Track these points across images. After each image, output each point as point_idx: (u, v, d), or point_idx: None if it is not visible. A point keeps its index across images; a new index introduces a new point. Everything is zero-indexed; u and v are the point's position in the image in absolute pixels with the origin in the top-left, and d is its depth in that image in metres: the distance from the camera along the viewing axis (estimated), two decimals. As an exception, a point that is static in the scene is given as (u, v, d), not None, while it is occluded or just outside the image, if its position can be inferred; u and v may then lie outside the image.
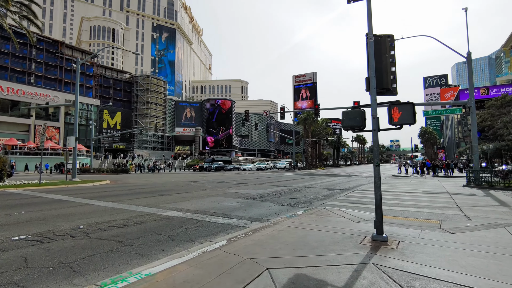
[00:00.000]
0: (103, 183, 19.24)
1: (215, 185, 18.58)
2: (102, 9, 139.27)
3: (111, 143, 76.46)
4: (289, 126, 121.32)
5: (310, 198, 12.10)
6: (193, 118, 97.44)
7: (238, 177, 28.31)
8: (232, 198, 11.77)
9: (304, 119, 56.14)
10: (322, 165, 68.12)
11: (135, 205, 9.67)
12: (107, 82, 80.00)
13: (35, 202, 10.49)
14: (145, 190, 14.75)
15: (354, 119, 5.27)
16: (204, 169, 55.19)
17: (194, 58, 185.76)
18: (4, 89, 55.58)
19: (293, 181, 22.74)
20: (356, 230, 5.83)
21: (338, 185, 18.76)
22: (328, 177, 27.91)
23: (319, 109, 24.60)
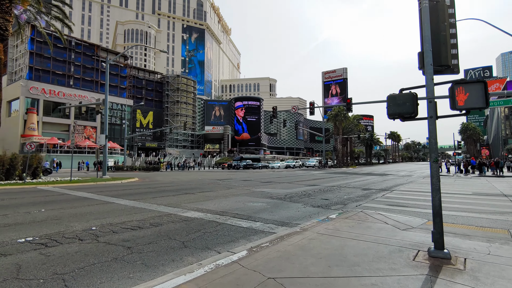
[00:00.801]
0: (131, 181, 19.33)
1: (241, 183, 17.93)
2: (135, 13, 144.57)
3: (144, 142, 78.95)
4: (319, 124, 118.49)
5: (343, 199, 11.01)
6: (222, 117, 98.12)
7: (266, 176, 27.53)
8: (258, 198, 11.00)
9: (334, 115, 54.10)
10: (353, 163, 65.50)
11: (156, 204, 9.21)
12: (140, 82, 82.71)
13: (58, 199, 10.41)
14: (170, 188, 14.42)
15: (403, 105, 4.24)
16: (232, 167, 55.11)
17: (223, 58, 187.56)
18: (46, 92, 59.07)
19: (324, 180, 21.55)
20: (405, 241, 4.79)
21: (373, 185, 17.35)
22: (361, 176, 26.30)
23: (351, 103, 23.11)
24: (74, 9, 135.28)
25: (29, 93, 56.40)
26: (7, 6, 17.17)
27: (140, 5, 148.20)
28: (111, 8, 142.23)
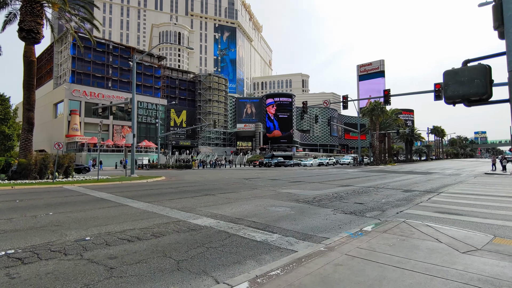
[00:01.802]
0: (157, 180, 19.13)
1: (268, 183, 16.91)
2: (169, 15, 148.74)
3: (178, 140, 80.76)
4: (353, 119, 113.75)
5: (381, 204, 9.56)
6: (253, 114, 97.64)
7: (296, 174, 26.24)
8: (283, 201, 9.90)
9: (371, 109, 50.99)
10: (392, 161, 61.60)
11: (169, 208, 8.49)
12: (173, 82, 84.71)
13: (74, 201, 10.12)
14: (192, 189, 13.79)
15: (470, 83, 2.94)
16: (263, 165, 54.28)
17: (254, 55, 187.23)
18: (87, 94, 62.30)
19: (359, 179, 19.83)
20: (470, 274, 3.46)
21: (416, 186, 15.44)
22: (401, 175, 24.05)
23: (389, 95, 21.00)
24: (113, 15, 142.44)
25: (72, 96, 59.81)
26: (38, 9, 17.60)
27: (174, 7, 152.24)
28: (147, 12, 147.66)
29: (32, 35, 17.41)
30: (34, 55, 17.89)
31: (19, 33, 17.41)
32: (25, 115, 17.38)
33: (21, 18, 17.37)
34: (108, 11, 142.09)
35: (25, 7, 17.30)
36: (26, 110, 17.40)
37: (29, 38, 17.46)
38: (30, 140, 17.43)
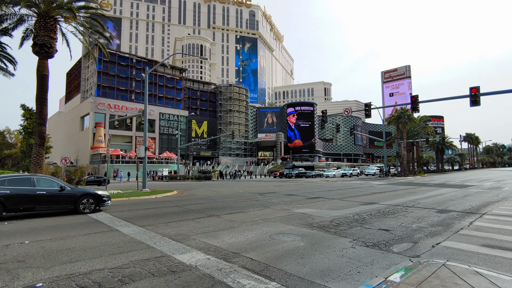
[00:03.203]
0: (168, 195, 18.33)
1: (283, 199, 15.57)
2: (192, 28, 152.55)
3: (199, 151, 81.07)
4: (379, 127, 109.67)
5: (411, 230, 7.99)
6: (274, 124, 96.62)
7: (316, 187, 24.62)
8: (294, 226, 8.58)
9: (397, 117, 48.28)
10: (421, 171, 57.94)
11: (161, 235, 7.44)
12: (195, 94, 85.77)
13: (63, 224, 9.35)
14: (198, 207, 12.75)
15: None
16: (284, 175, 52.77)
17: (275, 65, 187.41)
18: (112, 106, 64.06)
19: (384, 194, 17.99)
20: None
21: (452, 203, 13.52)
22: (432, 189, 21.81)
23: (417, 101, 19.12)
24: (139, 30, 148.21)
25: (97, 109, 61.66)
26: (51, 24, 17.66)
27: (197, 21, 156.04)
28: (171, 26, 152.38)
29: (45, 49, 17.45)
30: (47, 69, 17.90)
31: (33, 48, 17.52)
32: (37, 129, 17.31)
33: (35, 33, 17.50)
34: (135, 27, 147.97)
35: (39, 22, 17.42)
36: (38, 124, 17.33)
37: (42, 53, 17.51)
38: (42, 154, 17.27)
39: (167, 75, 77.18)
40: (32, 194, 10.35)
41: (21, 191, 10.24)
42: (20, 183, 10.45)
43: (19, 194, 10.15)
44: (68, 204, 11.14)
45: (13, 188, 10.16)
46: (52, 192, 10.80)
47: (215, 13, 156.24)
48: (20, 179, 10.67)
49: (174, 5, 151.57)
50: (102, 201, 11.95)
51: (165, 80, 76.37)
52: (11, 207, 10.06)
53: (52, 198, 10.76)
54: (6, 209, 9.99)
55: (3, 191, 9.92)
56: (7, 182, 10.22)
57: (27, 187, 10.39)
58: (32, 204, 10.38)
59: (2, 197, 9.84)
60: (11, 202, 9.99)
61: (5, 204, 9.89)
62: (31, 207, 10.42)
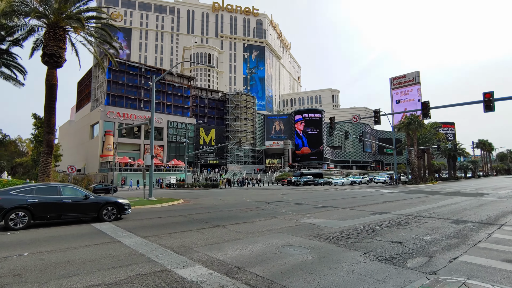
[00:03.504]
0: (174, 204, 18.13)
1: (291, 209, 15.19)
2: (200, 37, 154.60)
3: (206, 159, 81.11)
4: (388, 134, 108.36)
5: (425, 243, 7.56)
6: (282, 131, 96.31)
7: (325, 196, 24.13)
8: (301, 238, 8.24)
9: (407, 124, 47.46)
10: (433, 179, 56.61)
11: (163, 247, 7.20)
12: (203, 102, 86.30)
13: (66, 234, 9.20)
14: (203, 217, 12.50)
15: None
16: (292, 183, 52.21)
17: (283, 72, 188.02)
18: (121, 115, 64.79)
19: (396, 203, 17.44)
20: None
21: (467, 213, 12.95)
22: (445, 197, 21.10)
23: (428, 107, 18.63)
24: (149, 40, 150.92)
25: (106, 117, 62.42)
26: (60, 34, 17.91)
27: (205, 30, 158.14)
28: (179, 36, 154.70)
29: (54, 59, 17.67)
30: (56, 78, 18.11)
31: (42, 58, 17.77)
32: (45, 138, 17.42)
33: (44, 43, 17.76)
34: (144, 37, 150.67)
35: (48, 32, 17.69)
36: (46, 133, 17.45)
37: (51, 62, 17.73)
38: (49, 163, 17.36)
39: (175, 83, 77.98)
40: (59, 202, 10.60)
41: (48, 199, 10.46)
42: (47, 191, 10.68)
43: (46, 203, 10.37)
44: (91, 212, 11.39)
45: (41, 196, 10.37)
46: (77, 201, 11.08)
47: (223, 22, 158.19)
48: (47, 188, 10.93)
49: (182, 15, 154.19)
50: (124, 209, 12.15)
51: (173, 89, 77.13)
52: (39, 215, 10.27)
53: (77, 206, 11.02)
54: (35, 217, 10.20)
55: (31, 199, 10.12)
56: (35, 191, 10.44)
57: (53, 196, 10.64)
58: (58, 212, 10.62)
59: (31, 206, 10.05)
60: (39, 210, 10.20)
61: (33, 212, 10.09)
62: (58, 215, 10.67)
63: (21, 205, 9.91)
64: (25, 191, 10.35)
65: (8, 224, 9.71)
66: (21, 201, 9.95)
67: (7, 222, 9.69)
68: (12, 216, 9.77)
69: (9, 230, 9.73)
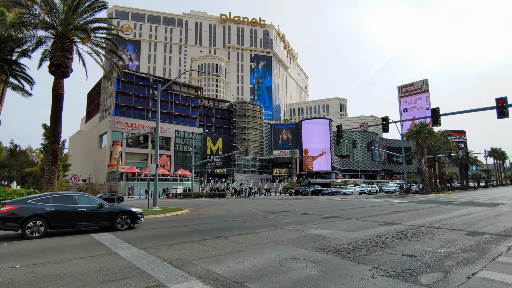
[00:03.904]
0: (178, 213, 17.82)
1: (297, 219, 14.72)
2: (208, 49, 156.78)
3: (213, 168, 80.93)
4: (397, 143, 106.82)
5: (440, 256, 7.05)
6: (289, 140, 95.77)
7: (333, 205, 23.53)
8: (307, 250, 7.81)
9: (416, 132, 46.60)
10: (445, 188, 55.16)
11: (161, 260, 6.86)
12: (210, 111, 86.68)
13: (62, 245, 8.94)
14: (206, 227, 12.14)
15: None
16: (300, 193, 51.51)
17: (290, 82, 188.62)
18: (129, 125, 65.40)
19: (407, 214, 16.79)
20: None
21: (483, 224, 12.29)
22: (459, 207, 20.30)
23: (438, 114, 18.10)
24: (158, 52, 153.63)
25: (114, 127, 63.03)
26: (68, 44, 18.11)
27: (212, 42, 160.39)
28: (187, 47, 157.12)
29: (61, 69, 17.84)
30: (62, 88, 18.25)
31: (49, 68, 17.96)
32: (51, 147, 17.44)
33: (52, 53, 17.98)
34: (153, 49, 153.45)
35: (56, 43, 17.92)
36: (52, 142, 17.48)
37: (58, 72, 17.89)
38: (54, 172, 17.33)
39: (183, 93, 78.68)
40: (74, 211, 10.69)
41: (64, 208, 10.57)
42: (63, 200, 10.80)
43: (62, 211, 10.45)
44: (106, 221, 11.45)
45: (57, 205, 10.46)
46: (92, 209, 11.13)
47: (230, 34, 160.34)
48: (63, 196, 11.05)
49: (190, 27, 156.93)
50: (137, 218, 12.18)
51: (181, 99, 77.77)
52: (55, 224, 10.35)
53: (92, 215, 11.09)
54: (51, 225, 10.27)
55: (48, 208, 10.20)
56: (52, 200, 10.55)
57: (69, 205, 10.75)
58: (74, 221, 10.70)
59: (48, 214, 10.11)
60: (56, 219, 10.28)
61: (50, 221, 10.16)
62: (73, 224, 10.75)
63: (38, 214, 9.96)
64: (42, 199, 10.42)
65: (25, 233, 9.77)
66: (38, 209, 10.02)
67: (24, 230, 9.77)
68: (29, 225, 9.82)
69: (26, 238, 9.76)
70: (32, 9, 16.94)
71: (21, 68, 19.46)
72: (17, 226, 9.69)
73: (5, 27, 15.45)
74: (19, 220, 9.66)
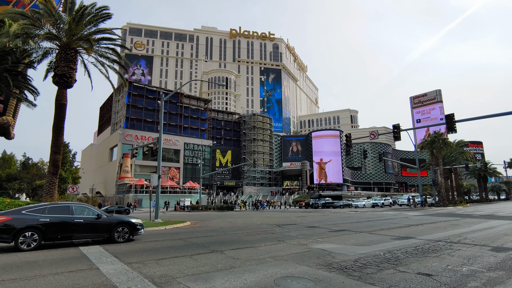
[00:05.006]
0: (179, 226, 17.12)
1: (303, 232, 13.79)
2: (218, 63, 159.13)
3: (223, 181, 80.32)
4: (411, 154, 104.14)
5: (461, 276, 6.10)
6: (300, 152, 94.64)
7: (343, 218, 22.38)
8: (308, 267, 6.96)
9: (430, 142, 44.95)
10: (463, 201, 52.70)
11: (143, 277, 6.15)
12: (219, 124, 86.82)
13: (45, 259, 8.33)
14: (203, 241, 11.38)
15: None
16: (310, 205, 50.11)
17: (300, 94, 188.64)
18: (139, 137, 65.87)
19: (422, 227, 15.60)
20: None
21: (508, 239, 11.10)
22: (480, 220, 18.88)
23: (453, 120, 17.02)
24: (169, 66, 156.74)
25: (125, 140, 63.58)
26: (72, 55, 18.12)
27: (223, 56, 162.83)
28: (198, 62, 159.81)
29: (64, 79, 17.80)
30: (66, 98, 18.16)
31: (53, 78, 17.96)
32: (51, 158, 17.21)
33: (55, 64, 18.01)
34: (165, 64, 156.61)
35: (60, 53, 17.97)
36: (53, 152, 17.24)
37: (61, 82, 17.85)
38: (54, 183, 17.01)
39: (192, 106, 79.21)
40: (71, 222, 10.26)
41: (60, 219, 10.15)
42: (59, 211, 10.36)
43: (58, 222, 10.05)
44: (104, 233, 10.97)
45: (53, 216, 10.05)
46: (89, 220, 10.69)
47: (240, 48, 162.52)
48: (59, 207, 10.58)
49: (201, 42, 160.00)
50: (136, 229, 11.68)
51: (190, 111, 78.24)
52: (50, 235, 9.93)
53: (89, 227, 10.64)
54: (46, 237, 9.86)
55: (43, 219, 9.79)
56: (47, 211, 10.15)
57: (66, 215, 10.32)
58: (70, 232, 10.26)
59: (42, 226, 9.68)
60: (51, 231, 9.87)
61: (44, 232, 9.74)
62: (69, 235, 10.31)
63: (33, 225, 9.56)
64: (37, 210, 10.01)
65: (18, 245, 9.37)
66: (33, 220, 9.61)
67: (17, 242, 9.38)
68: (22, 237, 9.41)
69: (19, 251, 9.33)
70: (37, 20, 17.08)
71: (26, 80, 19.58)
72: (10, 238, 9.27)
73: (9, 38, 15.54)
74: (12, 231, 9.23)
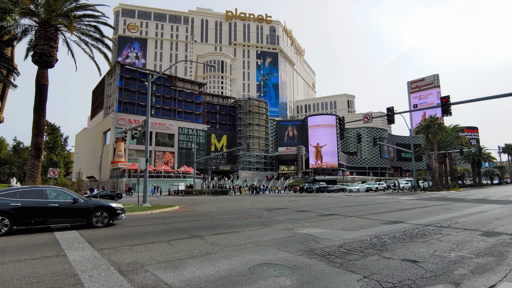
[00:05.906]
0: (166, 210, 16.79)
1: (291, 216, 13.50)
2: (214, 46, 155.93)
3: (218, 165, 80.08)
4: (406, 139, 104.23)
5: (449, 262, 5.76)
6: (295, 137, 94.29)
7: (334, 203, 22.21)
8: (289, 253, 6.60)
9: (425, 126, 44.66)
10: (456, 185, 53.04)
11: (109, 264, 5.75)
12: (214, 108, 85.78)
13: (12, 245, 7.92)
14: (186, 226, 11.03)
15: None
16: (304, 190, 50.20)
17: (297, 79, 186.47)
18: (132, 121, 64.86)
19: (413, 211, 15.39)
20: None
21: (499, 223, 10.87)
22: (471, 205, 18.74)
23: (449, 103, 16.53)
24: (164, 49, 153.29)
25: (118, 124, 62.60)
26: (51, 33, 17.18)
27: (218, 39, 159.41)
28: (194, 45, 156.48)
29: (44, 58, 16.94)
30: (47, 79, 17.34)
31: (32, 57, 17.11)
32: (33, 141, 16.57)
33: (34, 42, 17.12)
34: (159, 46, 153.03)
35: (39, 31, 17.04)
36: (35, 135, 16.59)
37: (41, 62, 17.00)
38: (37, 167, 16.45)
39: (186, 90, 77.84)
40: (44, 206, 9.84)
41: (33, 203, 9.73)
42: (32, 195, 9.94)
43: (30, 207, 9.64)
44: (81, 217, 10.57)
45: (25, 200, 9.65)
46: (65, 205, 10.28)
47: (236, 30, 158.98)
48: (32, 191, 10.18)
49: (196, 24, 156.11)
50: (116, 214, 11.29)
51: (184, 95, 76.98)
52: (22, 220, 9.55)
53: (65, 211, 10.25)
54: (17, 222, 9.49)
55: (14, 203, 9.40)
56: (19, 194, 9.72)
57: (39, 200, 9.89)
58: (43, 217, 9.86)
59: (13, 210, 9.29)
60: (23, 216, 9.48)
61: (15, 217, 9.35)
62: (43, 220, 9.90)
63: (3, 210, 9.15)
64: (8, 194, 9.61)
65: None
66: (3, 205, 9.20)
67: None
68: None
69: None
70: (12, -6, 16.05)
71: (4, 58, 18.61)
72: None
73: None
74: None
